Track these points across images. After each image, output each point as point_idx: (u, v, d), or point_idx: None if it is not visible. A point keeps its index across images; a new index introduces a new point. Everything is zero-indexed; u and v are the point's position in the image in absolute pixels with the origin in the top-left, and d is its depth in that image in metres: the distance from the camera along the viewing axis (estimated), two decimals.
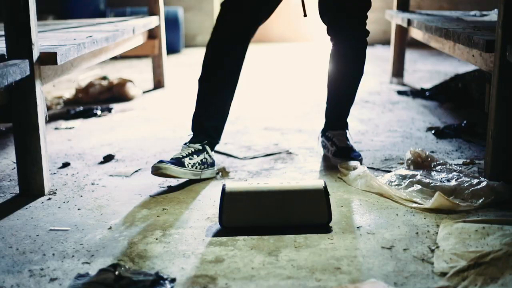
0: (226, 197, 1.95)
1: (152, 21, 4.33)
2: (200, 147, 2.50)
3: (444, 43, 3.33)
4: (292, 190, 1.97)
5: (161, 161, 2.35)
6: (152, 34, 4.54)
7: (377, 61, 5.88)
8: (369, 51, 2.46)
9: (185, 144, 2.54)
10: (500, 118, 2.26)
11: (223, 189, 1.96)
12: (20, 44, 2.19)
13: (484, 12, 4.17)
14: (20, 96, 2.21)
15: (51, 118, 3.66)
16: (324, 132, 2.76)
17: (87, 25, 3.82)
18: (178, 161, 2.40)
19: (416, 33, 4.10)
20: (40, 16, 2.69)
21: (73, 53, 2.54)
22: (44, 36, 2.94)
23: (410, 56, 6.03)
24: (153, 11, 4.55)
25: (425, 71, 5.28)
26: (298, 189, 1.98)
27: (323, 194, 1.95)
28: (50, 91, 4.50)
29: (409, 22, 3.96)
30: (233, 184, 2.02)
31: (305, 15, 2.56)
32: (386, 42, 6.54)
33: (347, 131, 2.73)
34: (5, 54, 2.19)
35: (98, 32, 3.16)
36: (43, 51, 2.32)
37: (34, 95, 2.22)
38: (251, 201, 1.95)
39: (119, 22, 4.08)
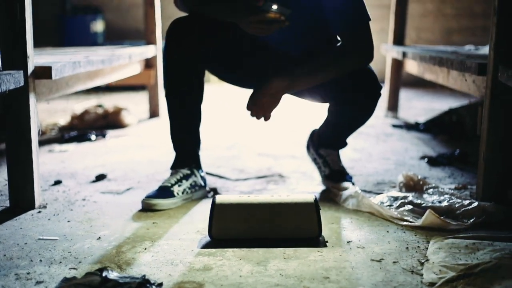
0: (216, 208, 1.94)
1: (148, 50, 4.36)
2: (189, 171, 2.48)
3: (438, 74, 3.36)
4: (283, 203, 1.97)
5: (149, 197, 2.34)
6: (148, 63, 4.57)
7: None
8: None
9: (172, 168, 2.52)
10: (492, 140, 2.27)
11: (213, 201, 1.96)
12: (15, 56, 2.19)
13: (479, 47, 4.21)
14: (14, 108, 2.22)
15: (45, 142, 3.67)
16: (316, 147, 2.71)
17: (84, 50, 3.84)
18: (167, 191, 2.38)
19: (411, 67, 4.14)
20: (37, 47, 2.71)
21: (69, 70, 2.55)
22: (40, 57, 2.95)
23: (406, 94, 6.07)
24: (150, 41, 4.59)
25: (420, 108, 5.31)
26: (289, 202, 1.97)
27: (313, 207, 1.94)
28: (45, 119, 4.51)
29: (404, 54, 4.00)
30: (224, 196, 2.02)
31: None
32: (382, 81, 6.59)
33: (339, 151, 2.72)
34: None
35: (94, 55, 3.19)
36: (38, 65, 2.33)
37: (27, 108, 2.23)
38: (241, 213, 1.95)
39: (116, 48, 4.11)
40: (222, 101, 5.72)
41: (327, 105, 2.55)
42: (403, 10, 4.66)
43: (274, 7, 2.16)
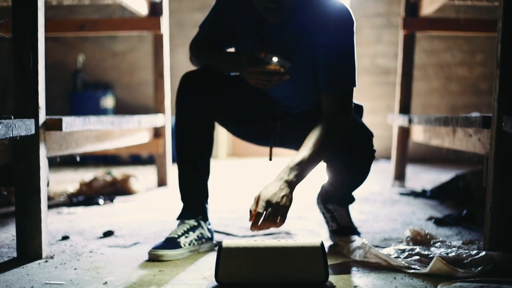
0: (223, 252, 1.94)
1: (157, 119, 4.42)
2: (196, 223, 2.49)
3: (444, 138, 3.39)
4: (289, 247, 1.96)
5: (155, 248, 2.34)
6: (157, 133, 4.63)
7: (381, 173, 5.90)
8: (373, 165, 2.44)
9: (179, 219, 2.53)
10: (497, 190, 2.28)
11: (220, 245, 1.96)
12: (26, 106, 2.25)
13: (485, 114, 4.24)
14: (24, 156, 2.25)
15: (53, 206, 3.68)
16: (324, 202, 2.73)
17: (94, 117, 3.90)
18: (173, 242, 2.39)
19: (417, 134, 4.18)
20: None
21: (79, 125, 2.59)
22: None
23: (413, 169, 6.10)
24: (159, 110, 4.66)
25: (427, 179, 5.31)
26: (295, 246, 1.96)
27: (320, 251, 1.94)
28: (53, 187, 4.53)
29: (410, 120, 4.04)
30: (230, 241, 2.02)
31: (270, 159, 2.66)
32: (389, 157, 6.60)
33: (349, 207, 2.72)
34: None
35: (104, 117, 3.24)
36: (49, 117, 2.38)
37: (37, 157, 2.26)
38: (248, 257, 1.94)
39: (125, 116, 4.17)
40: (228, 174, 5.76)
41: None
42: (408, 81, 4.73)
43: (275, 59, 2.26)
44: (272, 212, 2.09)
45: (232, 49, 2.58)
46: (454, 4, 4.63)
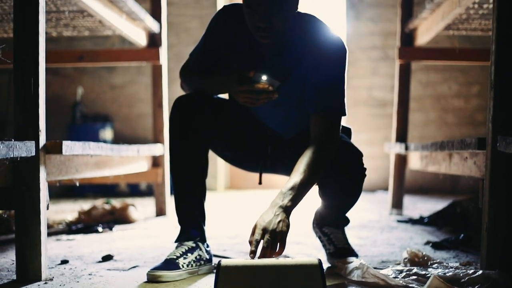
0: (222, 271, 1.95)
1: (156, 148, 4.45)
2: (194, 245, 2.50)
3: (441, 164, 3.41)
4: (287, 265, 1.98)
5: (155, 269, 2.35)
6: (156, 162, 4.65)
7: (378, 203, 5.91)
8: (370, 196, 2.49)
9: (177, 241, 2.55)
10: (493, 210, 2.30)
11: (219, 264, 1.97)
12: (27, 129, 2.28)
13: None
14: (24, 178, 2.28)
15: (52, 234, 3.69)
16: (320, 226, 2.75)
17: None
18: (172, 263, 2.40)
19: (414, 161, 4.21)
20: None
21: (78, 149, 2.61)
22: None
23: (411, 199, 6.11)
24: (158, 140, 4.69)
25: (424, 208, 5.31)
26: (293, 264, 1.98)
27: (318, 269, 1.95)
28: (52, 216, 4.54)
29: (407, 147, 4.08)
30: (229, 260, 2.03)
31: (260, 183, 2.68)
32: (387, 188, 6.61)
33: (345, 229, 2.74)
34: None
35: (104, 145, 3.27)
36: (49, 141, 2.41)
37: (37, 179, 2.29)
38: (247, 276, 1.95)
39: (124, 144, 4.20)
40: (227, 204, 5.77)
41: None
42: (405, 109, 4.78)
43: (264, 77, 2.30)
44: (270, 239, 2.09)
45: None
46: (448, 35, 4.68)
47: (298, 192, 2.21)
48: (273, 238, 2.09)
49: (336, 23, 7.55)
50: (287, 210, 2.17)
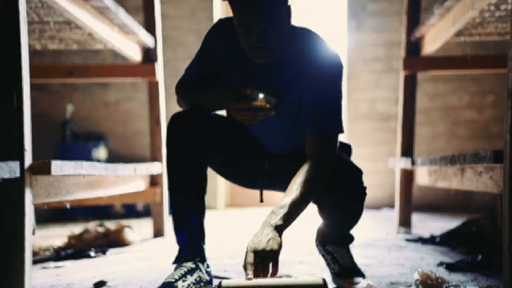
0: None
1: (154, 167, 4.29)
2: (193, 265, 2.39)
3: (452, 179, 3.23)
4: (291, 285, 1.93)
5: None
6: (154, 181, 4.49)
7: (383, 221, 5.73)
8: (375, 213, 2.35)
9: (176, 262, 2.44)
10: None
11: (219, 285, 1.89)
12: (10, 148, 2.12)
13: None
14: (8, 201, 2.12)
15: (37, 261, 3.46)
16: (323, 244, 2.64)
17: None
18: (171, 287, 2.29)
19: (422, 176, 4.03)
20: None
21: (69, 169, 2.45)
22: None
23: (419, 217, 5.88)
24: (156, 158, 4.53)
25: (434, 227, 5.11)
26: (297, 284, 1.93)
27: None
28: (38, 242, 4.26)
29: (413, 162, 3.91)
30: (230, 280, 1.97)
31: (261, 201, 2.62)
32: (392, 205, 6.39)
33: (349, 247, 2.62)
34: None
35: (98, 164, 3.10)
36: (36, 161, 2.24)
37: (22, 203, 2.14)
38: None
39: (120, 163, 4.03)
40: (227, 223, 5.62)
41: None
42: (410, 122, 4.60)
43: (261, 95, 2.29)
44: (261, 260, 2.01)
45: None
46: (459, 41, 4.51)
47: (290, 210, 2.14)
48: (263, 258, 2.01)
49: (336, 35, 7.37)
50: (278, 229, 2.10)
